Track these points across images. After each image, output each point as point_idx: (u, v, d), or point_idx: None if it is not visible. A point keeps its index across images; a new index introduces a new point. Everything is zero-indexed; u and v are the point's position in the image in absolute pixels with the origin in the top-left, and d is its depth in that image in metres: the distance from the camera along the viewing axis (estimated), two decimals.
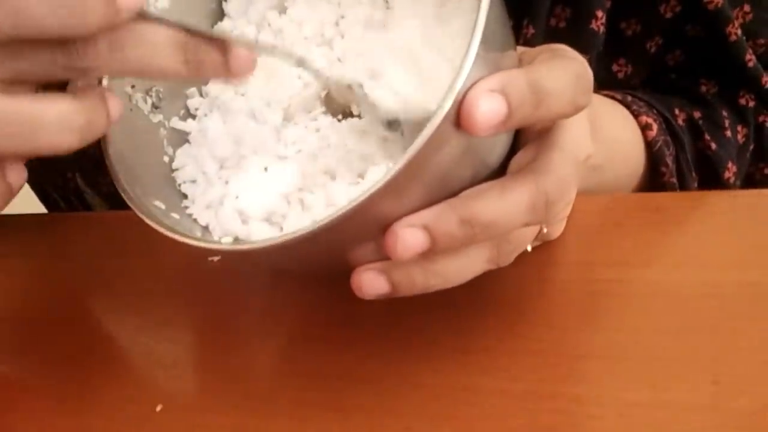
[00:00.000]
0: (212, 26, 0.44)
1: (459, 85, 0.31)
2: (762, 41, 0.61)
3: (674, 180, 0.58)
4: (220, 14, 0.45)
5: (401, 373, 0.40)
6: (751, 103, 0.62)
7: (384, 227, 0.33)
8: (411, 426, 0.38)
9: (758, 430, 0.34)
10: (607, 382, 0.38)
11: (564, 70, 0.35)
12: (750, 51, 0.60)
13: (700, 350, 0.38)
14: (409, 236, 0.33)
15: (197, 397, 0.42)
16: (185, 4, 0.42)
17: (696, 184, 0.60)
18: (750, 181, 0.64)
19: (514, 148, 0.38)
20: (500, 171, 0.37)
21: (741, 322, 0.39)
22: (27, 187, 0.73)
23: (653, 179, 0.58)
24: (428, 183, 0.33)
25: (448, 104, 0.31)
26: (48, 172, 0.69)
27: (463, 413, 0.37)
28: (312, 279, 0.45)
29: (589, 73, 0.36)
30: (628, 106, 0.57)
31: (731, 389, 0.36)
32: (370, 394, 0.39)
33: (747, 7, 0.60)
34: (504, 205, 0.34)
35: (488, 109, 0.31)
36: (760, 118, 0.63)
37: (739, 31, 0.59)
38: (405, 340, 0.41)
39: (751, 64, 0.61)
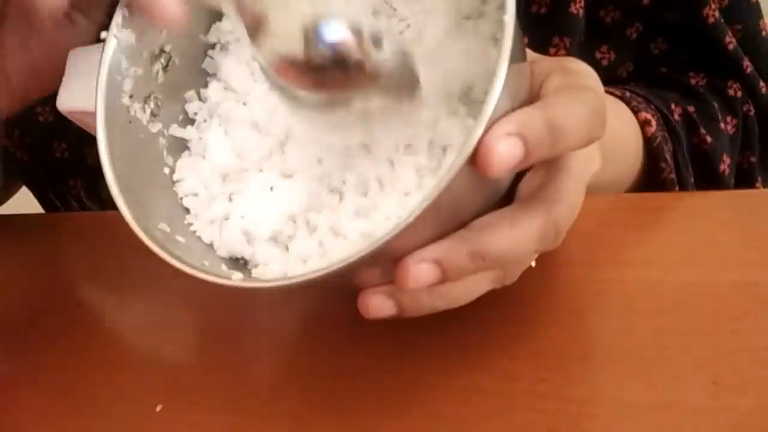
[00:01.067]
0: (209, 26, 0.43)
1: (487, 116, 0.31)
2: (740, 27, 0.62)
3: (673, 176, 0.57)
4: (219, 14, 0.43)
5: (402, 373, 0.40)
6: (739, 93, 0.62)
7: (395, 257, 0.33)
8: (411, 426, 0.38)
9: (758, 430, 0.34)
10: (607, 382, 0.38)
11: (581, 106, 0.34)
12: (729, 34, 0.61)
13: (700, 350, 0.38)
14: (420, 271, 0.33)
15: (197, 397, 0.42)
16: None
17: (692, 180, 0.60)
18: (738, 170, 0.64)
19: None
20: (509, 192, 0.37)
21: (741, 322, 0.39)
22: (27, 188, 0.73)
23: (652, 176, 0.58)
24: (441, 214, 0.33)
25: (476, 135, 0.31)
26: (51, 179, 0.69)
27: (464, 413, 0.37)
28: None
29: (605, 106, 0.36)
30: (627, 103, 0.57)
31: (731, 389, 0.36)
32: (371, 395, 0.39)
33: None
34: (514, 237, 0.34)
35: (505, 152, 0.31)
36: (745, 107, 0.63)
37: (717, 14, 0.60)
38: (405, 340, 0.41)
39: (731, 47, 0.61)
